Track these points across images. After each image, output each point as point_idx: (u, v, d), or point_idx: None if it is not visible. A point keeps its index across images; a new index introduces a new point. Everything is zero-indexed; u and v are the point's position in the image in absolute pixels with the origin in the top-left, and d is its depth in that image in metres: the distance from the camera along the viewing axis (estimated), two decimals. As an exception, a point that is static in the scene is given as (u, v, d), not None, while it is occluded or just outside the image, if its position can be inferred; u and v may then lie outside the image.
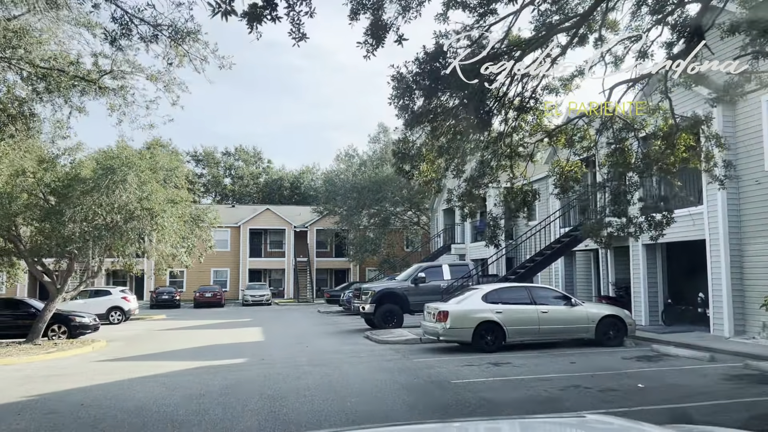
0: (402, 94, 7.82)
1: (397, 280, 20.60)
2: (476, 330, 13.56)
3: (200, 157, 65.09)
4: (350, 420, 7.81)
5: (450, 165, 10.63)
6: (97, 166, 17.18)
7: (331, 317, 27.68)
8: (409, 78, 7.76)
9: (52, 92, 9.03)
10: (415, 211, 42.58)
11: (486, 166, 10.86)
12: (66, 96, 9.46)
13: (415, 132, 9.98)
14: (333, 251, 50.82)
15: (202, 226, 20.12)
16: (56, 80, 8.76)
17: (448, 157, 10.17)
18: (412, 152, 9.79)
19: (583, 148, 10.60)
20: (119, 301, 27.95)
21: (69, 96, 9.60)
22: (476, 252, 30.94)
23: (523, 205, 11.72)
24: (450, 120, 8.78)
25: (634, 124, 9.94)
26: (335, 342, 17.12)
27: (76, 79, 9.15)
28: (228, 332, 21.36)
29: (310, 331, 20.77)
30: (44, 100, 10.03)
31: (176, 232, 17.76)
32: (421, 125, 8.92)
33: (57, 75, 8.75)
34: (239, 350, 15.91)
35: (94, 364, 14.31)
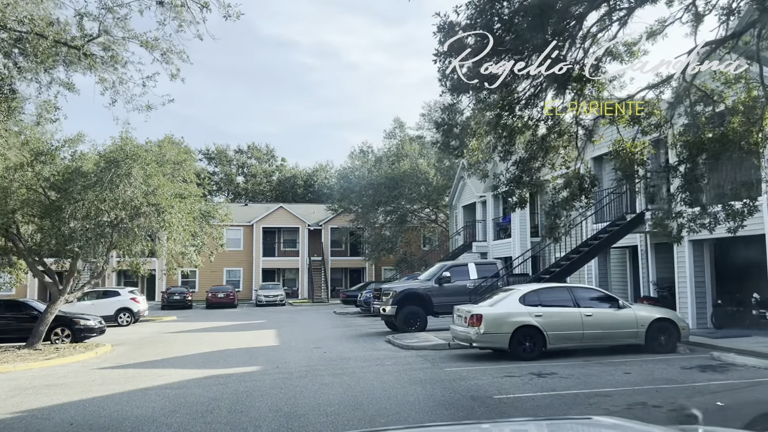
0: (450, 50, 6.49)
1: (419, 280, 19.29)
2: (513, 335, 12.21)
3: (212, 155, 64.14)
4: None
5: (498, 144, 9.26)
6: (99, 158, 16.05)
7: (349, 319, 26.42)
8: (462, 25, 6.41)
9: (29, 57, 7.83)
10: (432, 208, 41.21)
11: (538, 147, 9.49)
12: (48, 66, 8.28)
13: (461, 101, 8.61)
14: (348, 250, 49.59)
15: (212, 223, 18.91)
16: (34, 45, 7.60)
17: (497, 134, 8.81)
18: (457, 125, 8.40)
19: (651, 125, 9.18)
20: (128, 303, 26.90)
21: (52, 66, 8.41)
22: (499, 250, 29.53)
23: (581, 193, 10.29)
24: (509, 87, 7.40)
25: (713, 96, 8.54)
26: (355, 347, 15.84)
27: (58, 44, 7.98)
28: (240, 335, 20.18)
29: (328, 334, 19.52)
30: (27, 77, 8.84)
31: (185, 228, 16.58)
32: (472, 92, 7.57)
33: (35, 39, 7.60)
34: (252, 356, 14.69)
35: (95, 372, 13.16)
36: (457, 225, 35.75)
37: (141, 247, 16.80)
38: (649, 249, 18.23)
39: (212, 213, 18.44)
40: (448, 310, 18.03)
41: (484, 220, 31.74)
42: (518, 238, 27.38)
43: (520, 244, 27.29)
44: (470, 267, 18.91)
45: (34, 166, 15.49)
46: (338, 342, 17.20)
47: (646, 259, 18.35)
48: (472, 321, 12.38)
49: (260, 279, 46.49)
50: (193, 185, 18.36)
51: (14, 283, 20.92)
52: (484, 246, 30.98)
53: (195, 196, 17.88)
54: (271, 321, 26.35)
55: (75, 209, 15.30)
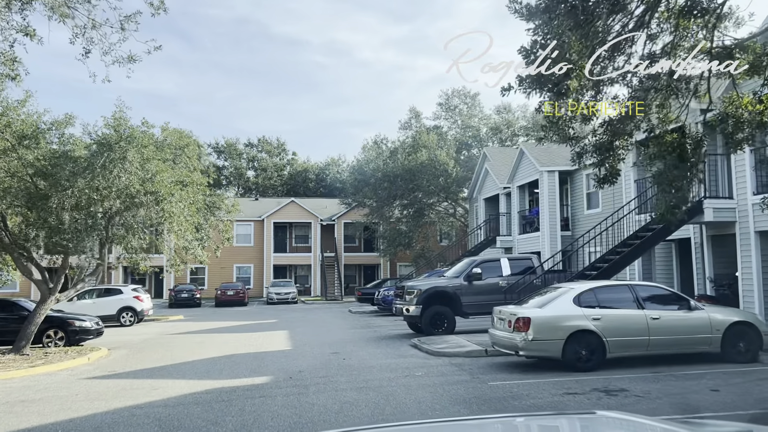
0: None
1: (446, 277, 17.45)
2: (567, 342, 10.37)
3: (222, 148, 62.54)
4: None
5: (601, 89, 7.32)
6: (90, 141, 14.37)
7: (366, 318, 24.66)
8: None
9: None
10: (451, 201, 39.32)
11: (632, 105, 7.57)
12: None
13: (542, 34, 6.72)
14: (362, 246, 47.86)
15: (218, 215, 17.20)
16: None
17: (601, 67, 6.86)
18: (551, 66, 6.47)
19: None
20: (131, 301, 25.32)
21: (6, 7, 6.77)
22: (525, 245, 27.62)
23: (681, 161, 8.27)
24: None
25: None
26: (378, 353, 14.05)
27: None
28: (250, 337, 18.48)
29: (345, 337, 17.76)
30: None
31: (187, 219, 14.86)
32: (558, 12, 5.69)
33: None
34: (262, 363, 12.96)
35: (82, 383, 11.49)
36: (478, 219, 33.85)
37: (139, 241, 15.09)
38: (705, 242, 16.27)
39: (218, 204, 16.66)
40: (478, 311, 16.26)
41: (508, 213, 29.83)
42: (547, 231, 25.46)
43: (550, 239, 25.38)
44: (503, 262, 17.06)
45: (18, 150, 13.83)
46: (358, 346, 15.43)
47: (702, 253, 16.39)
48: (518, 325, 10.55)
49: (271, 276, 44.90)
50: (197, 173, 16.67)
51: (5, 281, 19.31)
52: (509, 241, 29.08)
53: (199, 184, 16.17)
54: (282, 320, 24.66)
55: (63, 198, 13.65)
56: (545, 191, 25.57)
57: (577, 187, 25.52)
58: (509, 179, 29.02)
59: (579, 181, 25.35)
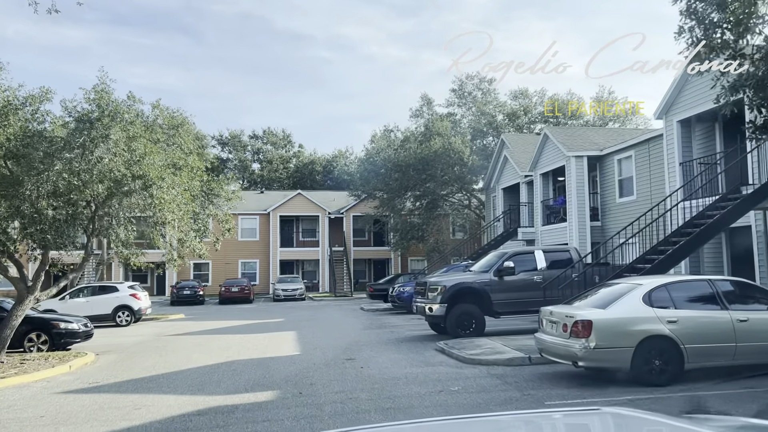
0: None
1: (473, 272, 15.58)
2: (637, 350, 8.50)
3: (226, 140, 60.71)
4: None
5: None
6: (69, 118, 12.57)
7: (380, 317, 22.83)
8: None
9: None
10: (465, 192, 37.40)
11: None
12: None
13: None
14: (371, 239, 46.05)
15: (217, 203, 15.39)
16: None
17: None
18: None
19: None
20: (127, 299, 23.59)
21: None
22: (550, 237, 25.71)
23: None
24: None
25: None
26: (400, 359, 12.22)
27: None
28: (254, 339, 16.70)
29: (360, 338, 15.95)
30: None
31: (180, 207, 13.04)
32: None
33: None
34: (267, 372, 11.17)
35: (54, 399, 9.73)
36: (496, 210, 31.92)
37: (127, 232, 13.29)
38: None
39: (216, 190, 14.84)
40: (511, 310, 14.45)
41: (530, 203, 27.91)
42: (575, 222, 23.53)
43: (578, 230, 23.46)
44: (537, 255, 15.15)
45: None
46: (375, 350, 13.60)
47: (765, 244, 14.44)
48: (575, 330, 8.68)
49: (278, 271, 43.17)
50: (192, 156, 14.84)
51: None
52: (531, 232, 27.17)
53: (195, 168, 14.34)
54: (290, 319, 22.88)
55: (39, 183, 11.85)
56: (573, 178, 23.63)
57: (607, 174, 23.56)
58: (531, 166, 27.09)
59: (610, 166, 23.39)
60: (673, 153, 17.68)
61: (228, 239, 43.96)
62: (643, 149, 21.33)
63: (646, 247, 15.04)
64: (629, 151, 22.15)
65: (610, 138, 25.13)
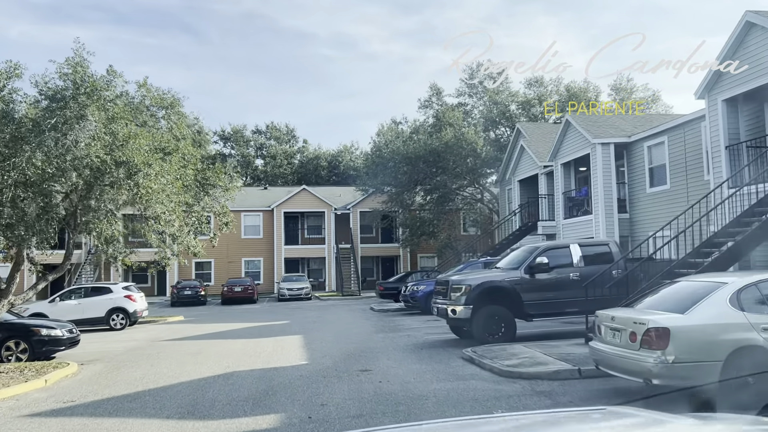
0: None
1: (501, 269, 13.92)
2: (726, 365, 6.86)
3: (228, 135, 59.06)
4: None
5: None
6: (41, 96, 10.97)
7: (392, 318, 21.20)
8: None
9: None
10: (477, 186, 35.71)
11: None
12: None
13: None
14: (379, 236, 44.42)
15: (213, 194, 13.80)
16: None
17: None
18: None
19: None
20: (122, 301, 22.07)
21: None
22: (573, 231, 24.04)
23: None
24: None
25: None
26: (424, 370, 10.59)
27: None
28: (257, 345, 15.12)
29: (374, 344, 14.34)
30: None
31: (171, 198, 11.45)
32: None
33: None
34: (270, 389, 9.58)
35: (17, 423, 8.19)
36: (512, 203, 30.23)
37: (111, 228, 11.70)
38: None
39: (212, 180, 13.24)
40: (545, 312, 12.86)
41: (550, 195, 26.22)
42: (602, 214, 21.84)
43: (605, 222, 21.77)
44: (573, 249, 13.48)
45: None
46: (393, 359, 11.99)
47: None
48: (648, 339, 7.04)
49: (282, 270, 41.60)
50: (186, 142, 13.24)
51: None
52: (552, 226, 25.50)
53: (188, 155, 12.74)
54: (296, 321, 21.30)
55: (4, 171, 10.28)
56: (599, 167, 21.93)
57: (636, 162, 21.86)
58: (551, 156, 25.40)
59: (639, 154, 21.69)
60: (718, 136, 15.97)
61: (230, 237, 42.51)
62: (677, 134, 19.62)
63: (693, 241, 13.37)
64: (661, 137, 20.43)
65: (638, 124, 23.41)
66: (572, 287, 12.89)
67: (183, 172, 12.47)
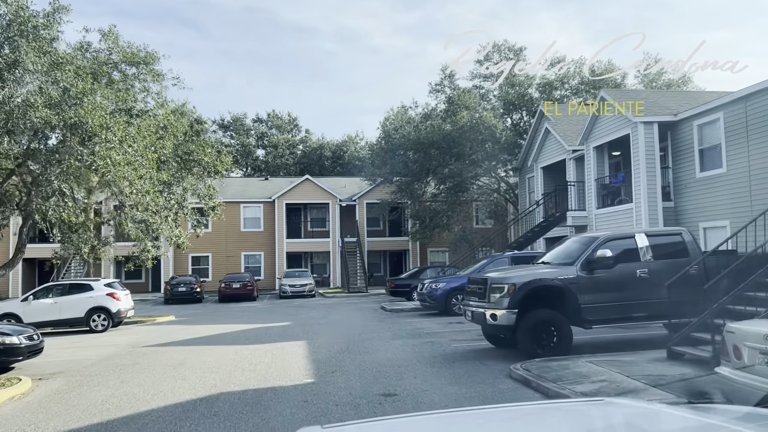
0: None
1: (550, 264, 11.40)
2: None
3: (228, 123, 56.44)
4: None
5: None
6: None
7: (409, 320, 18.73)
8: None
9: None
10: (493, 174, 33.16)
11: None
12: None
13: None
14: (387, 229, 41.97)
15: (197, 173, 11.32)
16: None
17: None
18: None
19: None
20: (104, 300, 19.58)
21: None
22: (607, 221, 21.56)
23: None
24: None
25: None
26: (463, 394, 8.10)
27: None
28: (253, 354, 12.70)
29: (394, 355, 11.86)
30: None
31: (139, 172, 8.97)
32: None
33: None
34: (265, 424, 7.14)
35: None
36: (535, 193, 27.69)
37: (62, 211, 9.23)
38: None
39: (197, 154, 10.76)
40: (608, 317, 10.39)
41: (580, 182, 23.71)
42: (644, 202, 19.33)
43: (648, 212, 19.26)
44: (639, 239, 10.95)
45: None
46: (421, 376, 9.52)
47: None
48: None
49: (284, 265, 39.15)
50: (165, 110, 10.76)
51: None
52: (583, 217, 22.99)
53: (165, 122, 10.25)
54: (298, 323, 18.87)
55: None
56: (640, 149, 19.39)
57: (683, 143, 19.31)
58: (582, 139, 22.87)
59: (686, 134, 19.15)
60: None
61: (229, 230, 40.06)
62: (737, 110, 17.07)
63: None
64: (715, 114, 17.88)
65: (682, 102, 20.86)
66: (640, 286, 10.42)
67: (160, 144, 9.98)
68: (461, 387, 8.66)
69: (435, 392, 8.38)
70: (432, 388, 8.64)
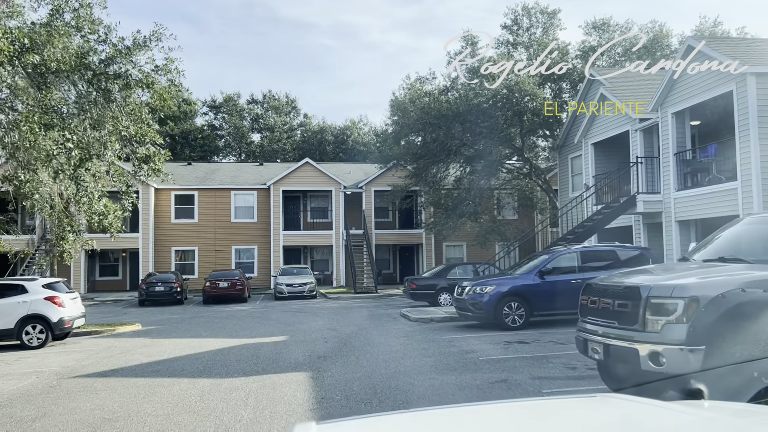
0: None
1: (747, 262, 6.68)
2: None
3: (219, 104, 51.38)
4: None
5: None
6: None
7: (445, 336, 13.95)
8: None
9: None
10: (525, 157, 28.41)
11: None
12: None
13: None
14: (396, 221, 37.35)
15: (137, 119, 6.66)
16: None
17: None
18: None
19: None
20: (41, 306, 14.90)
21: None
22: (689, 206, 16.95)
23: None
24: None
25: None
26: None
27: None
28: (226, 398, 7.98)
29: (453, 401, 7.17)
30: None
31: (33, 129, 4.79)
32: None
33: None
34: None
35: None
36: (585, 173, 22.92)
37: None
38: None
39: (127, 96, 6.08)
40: None
41: (653, 158, 19.00)
42: (757, 180, 14.65)
43: (761, 193, 14.58)
44: None
45: None
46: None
47: None
48: None
49: (281, 260, 34.40)
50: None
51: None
52: (656, 202, 18.30)
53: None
54: (297, 338, 14.18)
55: None
56: (751, 109, 14.69)
57: None
58: (655, 104, 18.16)
59: (814, 90, 14.45)
60: None
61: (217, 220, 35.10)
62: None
63: None
64: None
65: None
66: None
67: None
68: None
69: None
70: None
